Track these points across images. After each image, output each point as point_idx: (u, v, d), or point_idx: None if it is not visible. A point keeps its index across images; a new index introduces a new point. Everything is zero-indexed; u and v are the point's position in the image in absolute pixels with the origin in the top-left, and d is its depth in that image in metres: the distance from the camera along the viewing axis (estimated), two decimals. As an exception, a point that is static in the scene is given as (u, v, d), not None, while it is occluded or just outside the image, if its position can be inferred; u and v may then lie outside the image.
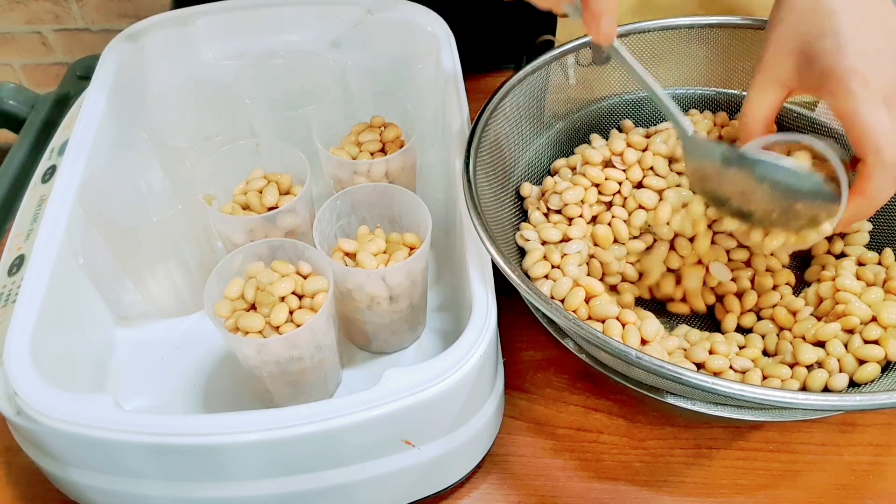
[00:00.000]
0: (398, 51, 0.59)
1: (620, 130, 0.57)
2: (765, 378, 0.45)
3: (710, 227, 0.51)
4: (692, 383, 0.37)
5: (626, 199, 0.52)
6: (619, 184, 0.52)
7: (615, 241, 0.51)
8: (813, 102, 0.58)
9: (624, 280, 0.52)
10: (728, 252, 0.51)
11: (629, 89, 0.58)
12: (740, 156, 0.42)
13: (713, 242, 0.51)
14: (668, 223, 0.51)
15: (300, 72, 0.57)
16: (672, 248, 0.52)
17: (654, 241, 0.52)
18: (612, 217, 0.52)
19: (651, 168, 0.52)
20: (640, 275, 0.52)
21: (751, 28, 0.55)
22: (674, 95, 0.58)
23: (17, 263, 0.46)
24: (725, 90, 0.58)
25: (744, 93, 0.57)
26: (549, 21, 0.67)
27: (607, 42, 0.42)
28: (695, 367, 0.45)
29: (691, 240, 0.51)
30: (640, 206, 0.52)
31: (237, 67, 0.56)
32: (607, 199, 0.52)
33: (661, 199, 0.52)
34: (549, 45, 0.55)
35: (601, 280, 0.50)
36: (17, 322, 0.42)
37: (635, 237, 0.52)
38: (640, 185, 0.53)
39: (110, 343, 0.51)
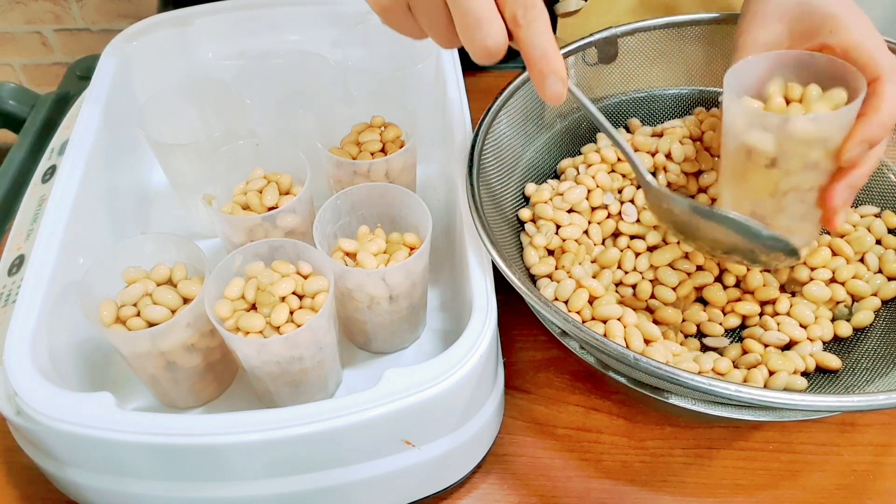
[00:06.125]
0: (398, 51, 0.59)
1: (628, 130, 0.57)
2: (771, 374, 0.45)
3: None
4: (691, 385, 0.37)
5: (632, 200, 0.52)
6: (622, 186, 0.52)
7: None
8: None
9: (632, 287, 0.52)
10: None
11: (634, 87, 0.58)
12: (707, 212, 0.43)
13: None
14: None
15: (300, 72, 0.57)
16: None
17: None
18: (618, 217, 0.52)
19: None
20: (653, 281, 0.51)
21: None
22: (674, 95, 0.59)
23: (17, 263, 0.46)
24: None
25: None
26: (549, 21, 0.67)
27: (554, 103, 0.40)
28: (696, 368, 0.45)
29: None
30: (646, 208, 0.52)
31: (237, 67, 0.56)
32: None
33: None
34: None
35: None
36: (17, 322, 0.42)
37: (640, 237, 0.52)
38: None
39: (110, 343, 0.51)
